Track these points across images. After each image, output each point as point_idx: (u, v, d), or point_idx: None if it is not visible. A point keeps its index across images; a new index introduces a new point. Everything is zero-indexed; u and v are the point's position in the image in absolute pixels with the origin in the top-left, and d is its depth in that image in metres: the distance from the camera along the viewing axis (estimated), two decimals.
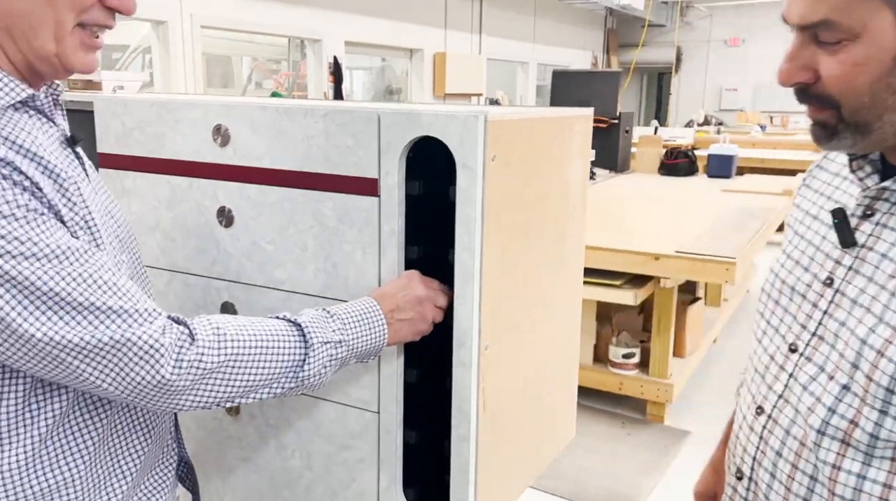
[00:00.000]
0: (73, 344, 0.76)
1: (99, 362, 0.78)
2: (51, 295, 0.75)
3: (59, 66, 0.83)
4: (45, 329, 0.75)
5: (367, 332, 0.99)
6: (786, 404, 0.92)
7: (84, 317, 0.76)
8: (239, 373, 0.87)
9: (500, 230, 1.04)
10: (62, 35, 0.81)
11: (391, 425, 1.11)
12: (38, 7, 0.78)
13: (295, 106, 1.09)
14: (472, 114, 0.97)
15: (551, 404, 1.32)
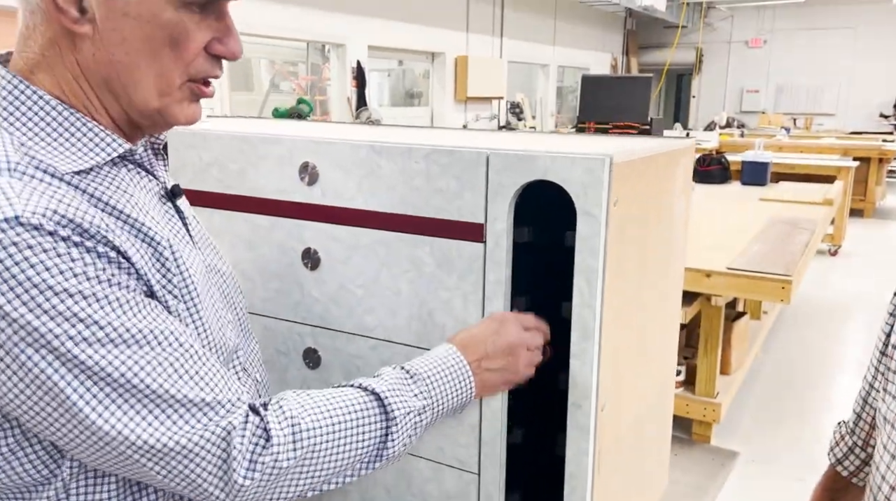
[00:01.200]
0: (142, 442, 0.69)
1: (168, 463, 0.71)
2: (125, 386, 0.67)
3: (162, 121, 0.77)
4: (114, 421, 0.68)
5: (452, 390, 0.91)
6: None
7: (161, 412, 0.69)
8: (317, 466, 0.79)
9: (620, 280, 0.96)
10: (168, 90, 0.75)
11: (493, 488, 1.03)
12: (143, 61, 0.72)
13: (392, 145, 1.01)
14: (597, 158, 0.88)
15: (652, 452, 1.24)
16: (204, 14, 0.74)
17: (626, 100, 5.96)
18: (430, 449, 1.07)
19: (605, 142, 1.07)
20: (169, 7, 0.71)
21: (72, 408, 0.66)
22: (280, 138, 1.09)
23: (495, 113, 10.51)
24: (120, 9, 0.70)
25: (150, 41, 0.71)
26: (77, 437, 0.68)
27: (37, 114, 0.72)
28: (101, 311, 0.67)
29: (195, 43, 0.74)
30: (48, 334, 0.64)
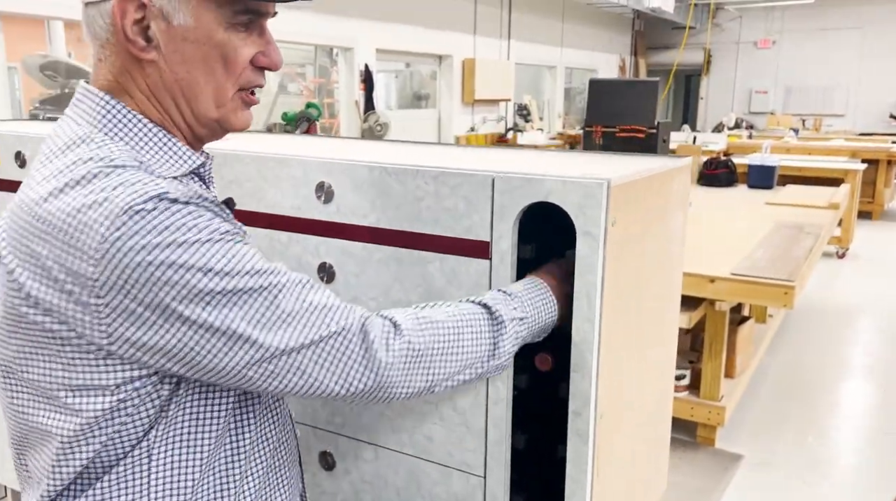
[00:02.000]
0: (298, 344, 0.79)
1: (321, 355, 0.81)
2: (276, 305, 0.78)
3: (220, 128, 0.90)
4: (280, 336, 0.78)
5: (543, 309, 1.00)
6: None
7: (309, 317, 0.80)
8: (443, 355, 0.89)
9: (618, 296, 1.02)
10: (223, 100, 0.87)
11: (498, 491, 1.09)
12: (201, 77, 0.84)
13: (404, 167, 1.07)
14: (596, 182, 0.94)
15: (651, 458, 1.29)
16: (248, 32, 0.86)
17: (633, 104, 6.00)
18: (440, 454, 1.13)
19: (603, 164, 1.13)
20: (219, 29, 0.83)
21: (243, 335, 0.77)
22: (297, 159, 1.16)
23: (502, 115, 10.56)
24: (179, 35, 0.82)
25: (205, 59, 0.84)
26: (238, 363, 0.78)
27: (135, 132, 0.84)
28: (244, 252, 0.78)
29: (242, 57, 0.86)
30: (215, 272, 0.75)
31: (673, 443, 3.39)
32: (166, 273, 0.73)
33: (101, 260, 0.73)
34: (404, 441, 1.16)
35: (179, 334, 0.75)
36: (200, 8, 0.82)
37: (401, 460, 1.17)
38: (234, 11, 0.83)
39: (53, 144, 0.83)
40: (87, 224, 0.73)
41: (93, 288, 0.74)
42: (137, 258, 0.72)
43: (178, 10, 0.81)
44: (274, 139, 1.49)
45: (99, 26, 0.83)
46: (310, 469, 1.26)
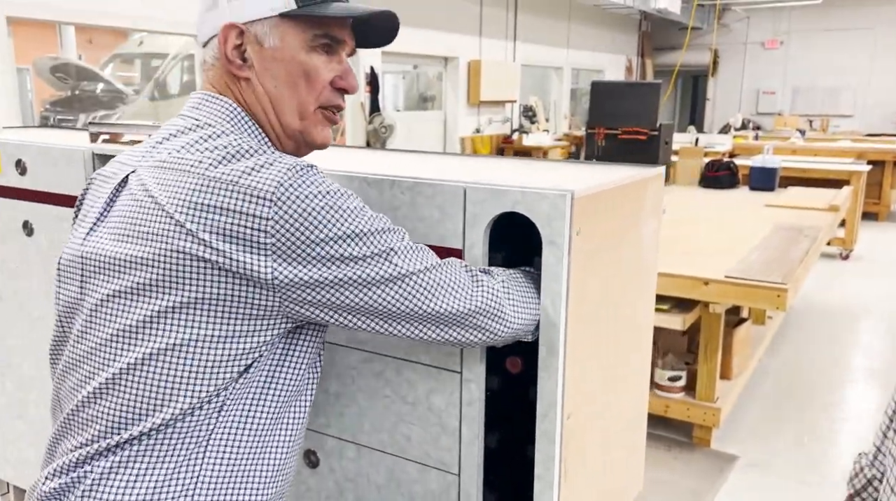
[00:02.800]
0: (425, 268, 0.93)
1: (441, 277, 0.94)
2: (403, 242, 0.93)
3: (303, 140, 1.02)
4: (411, 260, 0.92)
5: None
6: None
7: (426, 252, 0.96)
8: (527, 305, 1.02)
9: (583, 301, 1.06)
10: (305, 114, 1.00)
11: (471, 488, 1.14)
12: (286, 91, 0.99)
13: (381, 178, 1.12)
14: (560, 193, 0.99)
15: (624, 460, 1.34)
16: (328, 57, 1.01)
17: (635, 106, 6.03)
18: (417, 452, 1.18)
19: (573, 175, 1.17)
20: (302, 51, 0.98)
21: (385, 259, 0.90)
22: None
23: (508, 116, 10.60)
24: (269, 55, 0.98)
25: (291, 76, 0.98)
26: (383, 280, 0.90)
27: (255, 134, 1.00)
28: (392, 233, 0.92)
29: (322, 77, 1.00)
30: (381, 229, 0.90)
31: (668, 443, 3.44)
32: (330, 212, 0.86)
33: (276, 202, 0.84)
34: (385, 441, 1.21)
35: (336, 265, 0.87)
36: (286, 32, 0.97)
37: (381, 458, 1.22)
38: (314, 35, 0.98)
39: (189, 131, 0.95)
40: (262, 177, 0.86)
41: (265, 228, 0.84)
42: (308, 200, 0.85)
43: (268, 34, 0.97)
44: None
45: (210, 55, 1.00)
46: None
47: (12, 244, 1.70)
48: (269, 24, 0.97)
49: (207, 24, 1.00)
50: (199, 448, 0.90)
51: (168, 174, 0.90)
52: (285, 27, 0.97)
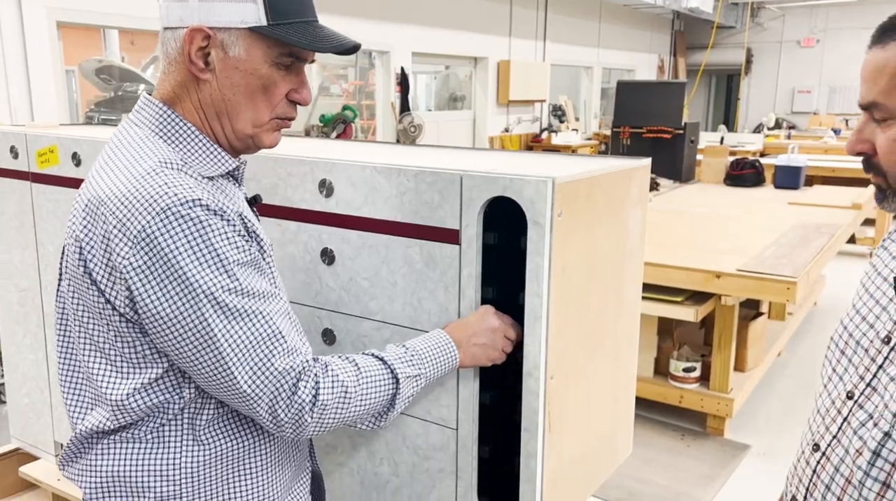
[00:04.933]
0: (250, 366, 0.97)
1: (259, 384, 0.97)
2: (254, 324, 0.97)
3: (252, 144, 1.09)
4: (236, 351, 0.96)
5: (440, 362, 1.17)
6: (838, 444, 1.03)
7: (270, 348, 0.98)
8: (350, 412, 1.06)
9: (565, 275, 1.20)
10: (259, 123, 1.06)
11: (468, 441, 1.29)
12: (243, 100, 1.03)
13: (389, 166, 1.27)
14: (542, 179, 1.13)
15: (610, 424, 1.47)
16: (287, 71, 1.04)
17: (660, 106, 6.11)
18: (419, 410, 1.33)
19: (561, 165, 1.32)
20: (265, 65, 1.02)
21: (214, 341, 0.94)
22: (305, 160, 1.37)
23: (537, 115, 10.70)
24: (232, 64, 1.01)
25: (249, 87, 1.02)
26: (205, 362, 0.95)
27: (184, 137, 1.04)
28: (243, 272, 0.97)
29: (279, 90, 1.04)
30: (214, 285, 0.93)
31: (683, 432, 3.54)
32: (174, 274, 0.92)
33: (137, 244, 0.92)
34: None
35: (163, 323, 0.94)
36: (253, 45, 1.00)
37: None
38: (279, 53, 1.02)
39: (116, 143, 1.05)
40: (134, 213, 0.92)
41: (125, 269, 0.93)
42: (163, 253, 0.91)
43: (235, 44, 1.00)
44: (289, 142, 1.71)
45: (171, 47, 1.02)
46: None
47: None
48: (237, 34, 0.99)
49: (173, 14, 1.01)
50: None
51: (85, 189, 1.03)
52: (252, 40, 1.00)
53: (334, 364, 1.06)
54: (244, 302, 0.96)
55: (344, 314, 1.39)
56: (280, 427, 1.00)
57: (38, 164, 1.87)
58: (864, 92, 0.96)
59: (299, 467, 1.21)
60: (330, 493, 1.48)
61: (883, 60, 0.93)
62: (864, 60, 0.99)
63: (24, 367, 2.10)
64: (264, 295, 0.99)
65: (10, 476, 2.18)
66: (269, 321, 0.98)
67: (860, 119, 0.99)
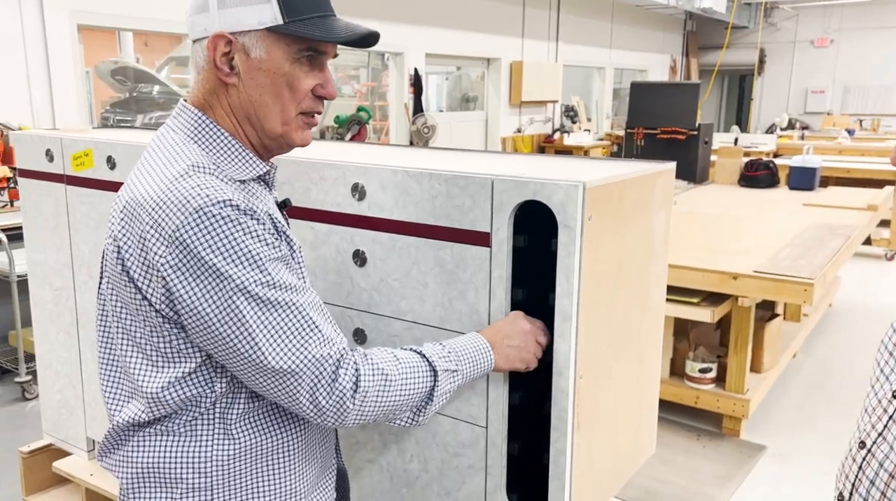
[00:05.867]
0: (287, 358, 1.00)
1: (297, 377, 1.00)
2: (288, 315, 1.00)
3: (284, 142, 1.12)
4: (273, 343, 0.99)
5: (476, 361, 1.20)
6: (883, 441, 1.06)
7: (305, 336, 1.01)
8: (390, 404, 1.09)
9: (594, 277, 1.23)
10: (288, 120, 1.09)
11: (497, 438, 1.32)
12: (270, 99, 1.07)
13: (421, 170, 1.31)
14: (573, 184, 1.16)
15: (635, 423, 1.50)
16: (310, 67, 1.08)
17: (674, 107, 6.11)
18: (450, 409, 1.36)
19: (590, 169, 1.35)
20: (286, 62, 1.05)
21: (248, 331, 0.97)
22: (338, 164, 1.41)
23: (549, 116, 10.71)
24: (255, 65, 1.05)
25: (274, 86, 1.06)
26: (244, 355, 0.98)
27: (217, 142, 1.08)
28: (274, 267, 1.00)
29: (304, 86, 1.07)
30: (246, 279, 0.97)
31: (699, 433, 3.56)
32: (209, 271, 0.96)
33: (172, 244, 0.96)
34: None
35: (200, 318, 0.98)
36: (273, 45, 1.04)
37: None
38: (298, 49, 1.05)
39: (154, 148, 1.09)
40: (169, 213, 0.96)
41: (162, 266, 0.97)
42: (196, 251, 0.95)
43: (255, 45, 1.04)
44: (319, 146, 1.75)
45: (199, 57, 1.07)
46: None
47: (105, 232, 1.95)
48: (256, 35, 1.03)
49: (197, 27, 1.06)
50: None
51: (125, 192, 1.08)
52: (271, 40, 1.03)
53: (373, 353, 1.10)
54: (276, 294, 0.99)
55: (375, 314, 1.42)
56: (322, 414, 1.03)
57: (73, 167, 1.92)
58: None
59: (325, 463, 1.25)
60: (359, 489, 1.52)
61: None
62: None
63: (57, 365, 2.15)
64: (295, 288, 1.02)
65: (43, 471, 2.23)
66: (303, 312, 1.02)
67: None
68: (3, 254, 3.76)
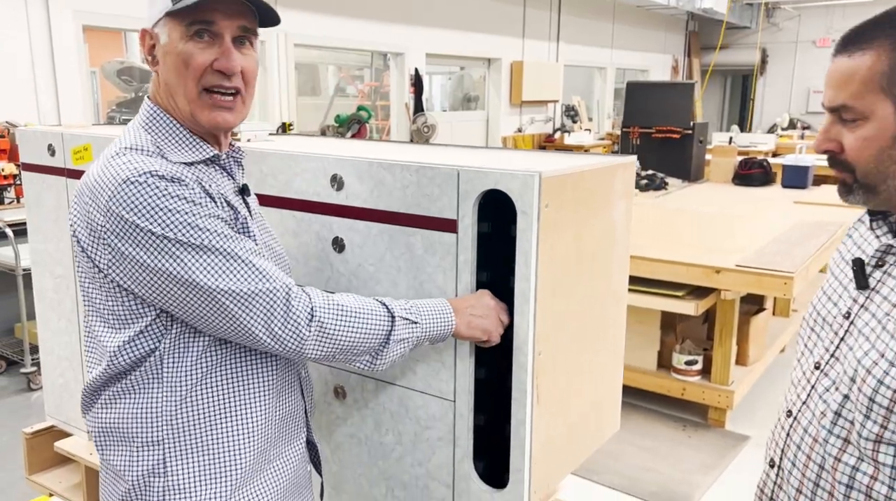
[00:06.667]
0: (233, 292, 1.09)
1: (248, 306, 1.09)
2: (224, 255, 1.09)
3: (197, 123, 1.21)
4: (217, 280, 1.08)
5: (437, 320, 1.28)
6: (807, 409, 1.15)
7: (246, 273, 1.10)
8: (346, 330, 1.17)
9: (552, 260, 1.33)
10: (190, 97, 1.17)
11: (464, 411, 1.41)
12: (174, 78, 1.17)
13: (393, 162, 1.41)
14: (530, 174, 1.26)
15: (597, 401, 1.59)
16: (207, 43, 1.15)
17: (669, 106, 6.19)
18: (420, 384, 1.46)
19: (548, 161, 1.44)
20: (181, 41, 1.15)
21: (188, 276, 1.07)
22: (318, 156, 1.51)
23: (550, 115, 10.79)
24: (163, 50, 1.17)
25: (175, 65, 1.16)
26: (189, 300, 1.09)
27: (164, 128, 1.19)
28: (204, 221, 1.09)
29: (198, 61, 1.15)
30: (178, 233, 1.07)
31: (684, 423, 3.65)
32: (140, 231, 1.07)
33: (107, 213, 1.08)
34: (396, 375, 1.49)
35: (146, 276, 1.09)
36: (172, 28, 1.15)
37: (394, 390, 1.51)
38: (187, 24, 1.14)
39: (116, 140, 1.22)
40: (103, 187, 1.09)
41: (103, 234, 1.09)
42: (126, 217, 1.07)
43: (162, 33, 1.16)
44: (303, 140, 1.85)
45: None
46: (326, 399, 1.61)
47: None
48: (161, 24, 1.16)
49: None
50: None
51: None
52: (171, 24, 1.15)
53: (332, 293, 1.21)
54: (211, 240, 1.09)
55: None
56: (279, 342, 1.12)
57: (73, 161, 2.02)
58: (832, 96, 1.07)
59: (284, 429, 1.30)
60: (340, 462, 1.62)
61: (852, 68, 1.04)
62: (830, 68, 1.09)
63: (59, 350, 2.26)
64: (230, 236, 1.11)
65: (46, 451, 2.34)
66: (242, 254, 1.11)
67: (826, 120, 1.11)
68: (10, 249, 3.88)
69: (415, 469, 1.50)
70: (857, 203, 1.10)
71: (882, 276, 1.09)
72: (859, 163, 1.06)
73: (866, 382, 1.03)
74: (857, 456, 1.06)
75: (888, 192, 1.05)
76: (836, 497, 1.09)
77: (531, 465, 1.36)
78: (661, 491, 3.06)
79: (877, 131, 1.02)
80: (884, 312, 1.06)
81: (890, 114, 1.02)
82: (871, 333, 1.05)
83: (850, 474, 1.07)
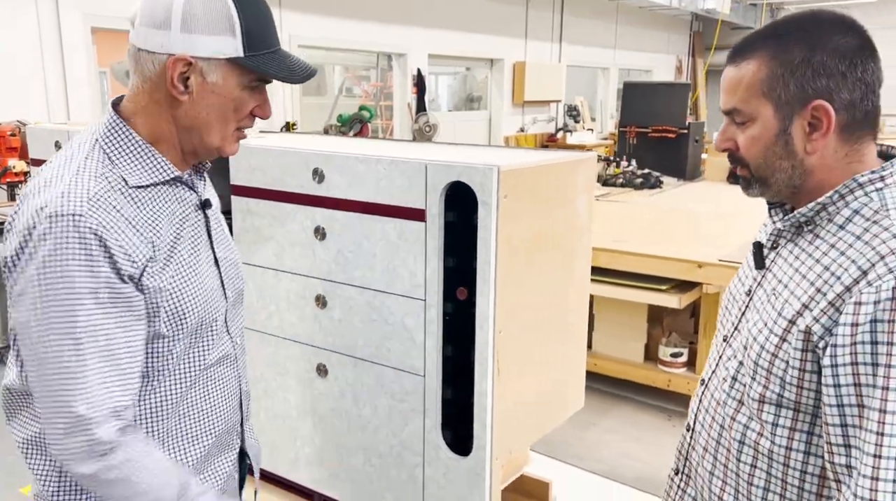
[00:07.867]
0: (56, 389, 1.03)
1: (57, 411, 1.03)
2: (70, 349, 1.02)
3: (217, 153, 1.22)
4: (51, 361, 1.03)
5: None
6: (715, 376, 1.28)
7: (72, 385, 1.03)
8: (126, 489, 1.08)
9: (511, 246, 1.46)
10: (226, 136, 1.18)
11: (433, 385, 1.54)
12: (215, 119, 1.14)
13: (368, 157, 1.54)
14: (489, 167, 1.39)
15: (560, 379, 1.72)
16: (253, 92, 1.15)
17: (665, 106, 6.30)
18: (395, 361, 1.59)
19: (512, 157, 1.57)
20: (237, 89, 1.12)
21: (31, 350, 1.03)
22: (301, 152, 1.64)
23: (553, 115, 10.90)
24: (209, 89, 1.11)
25: (223, 108, 1.13)
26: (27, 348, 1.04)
27: (125, 146, 1.12)
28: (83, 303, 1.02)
29: (247, 109, 1.15)
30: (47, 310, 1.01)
31: (669, 414, 3.77)
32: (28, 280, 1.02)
33: (18, 234, 1.03)
34: (373, 353, 1.62)
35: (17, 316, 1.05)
36: (229, 73, 1.10)
37: (371, 367, 1.64)
38: (252, 79, 1.12)
39: (65, 147, 1.13)
40: (28, 216, 1.02)
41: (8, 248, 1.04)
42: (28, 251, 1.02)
43: (213, 71, 1.09)
44: (291, 137, 1.98)
45: (149, 68, 1.10)
46: (309, 376, 1.74)
47: None
48: (215, 63, 1.08)
49: (152, 40, 1.08)
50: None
51: None
52: (228, 69, 1.09)
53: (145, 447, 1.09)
54: (71, 336, 1.02)
55: (333, 282, 1.65)
56: (61, 455, 1.05)
57: None
58: (726, 100, 1.21)
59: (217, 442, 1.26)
60: (322, 433, 1.75)
61: (739, 75, 1.17)
62: (723, 75, 1.23)
63: None
64: (95, 330, 1.04)
65: None
66: (82, 361, 1.03)
67: (724, 122, 1.24)
68: None
69: (389, 439, 1.63)
70: (756, 195, 1.23)
71: (774, 257, 1.21)
72: (751, 159, 1.19)
73: (752, 348, 1.16)
74: (748, 416, 1.19)
75: (778, 185, 1.18)
76: (732, 452, 1.22)
77: (492, 433, 1.49)
78: (642, 477, 3.17)
79: (762, 130, 1.16)
80: (772, 287, 1.19)
81: (771, 116, 1.15)
82: (762, 306, 1.18)
83: (742, 431, 1.20)
